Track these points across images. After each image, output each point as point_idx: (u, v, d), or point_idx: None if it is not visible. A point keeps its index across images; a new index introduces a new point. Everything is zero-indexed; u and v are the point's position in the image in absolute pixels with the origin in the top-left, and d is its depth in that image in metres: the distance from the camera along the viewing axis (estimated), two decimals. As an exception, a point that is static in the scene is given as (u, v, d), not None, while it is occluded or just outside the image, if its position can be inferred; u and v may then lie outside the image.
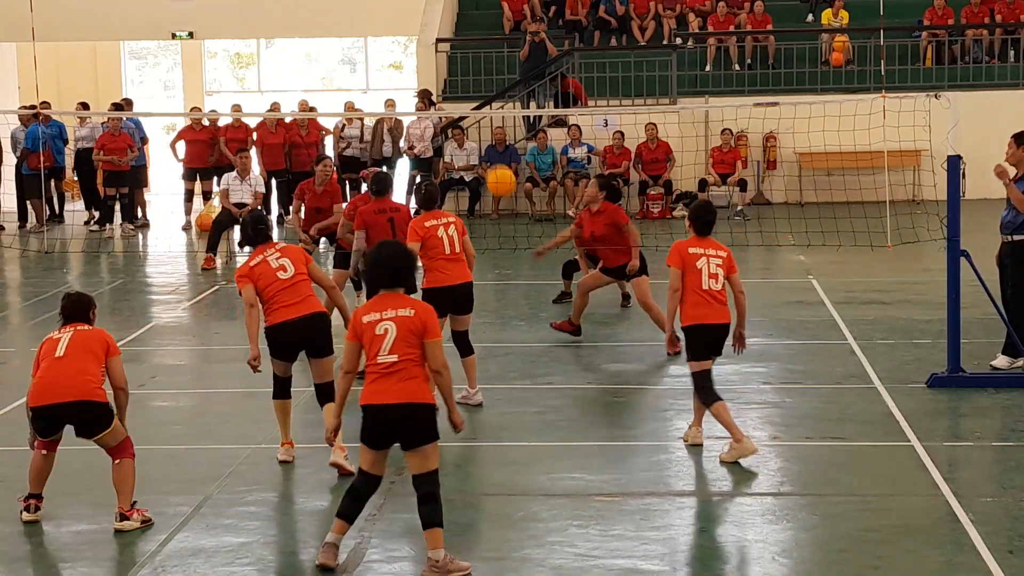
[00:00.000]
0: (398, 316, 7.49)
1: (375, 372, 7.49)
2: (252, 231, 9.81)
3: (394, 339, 7.46)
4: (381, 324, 7.49)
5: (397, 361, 7.45)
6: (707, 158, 24.17)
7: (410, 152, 24.30)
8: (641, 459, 9.75)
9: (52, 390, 8.45)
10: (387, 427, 7.49)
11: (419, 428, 7.48)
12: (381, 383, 7.46)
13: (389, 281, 7.61)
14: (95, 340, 8.61)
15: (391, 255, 7.67)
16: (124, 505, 8.43)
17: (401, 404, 7.44)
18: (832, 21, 26.30)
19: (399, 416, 7.45)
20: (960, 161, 11.49)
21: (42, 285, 17.73)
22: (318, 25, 29.57)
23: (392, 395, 7.43)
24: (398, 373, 7.45)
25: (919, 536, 8.03)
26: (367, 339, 7.52)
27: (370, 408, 7.48)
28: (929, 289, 15.48)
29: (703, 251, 9.70)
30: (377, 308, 7.55)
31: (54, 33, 27.83)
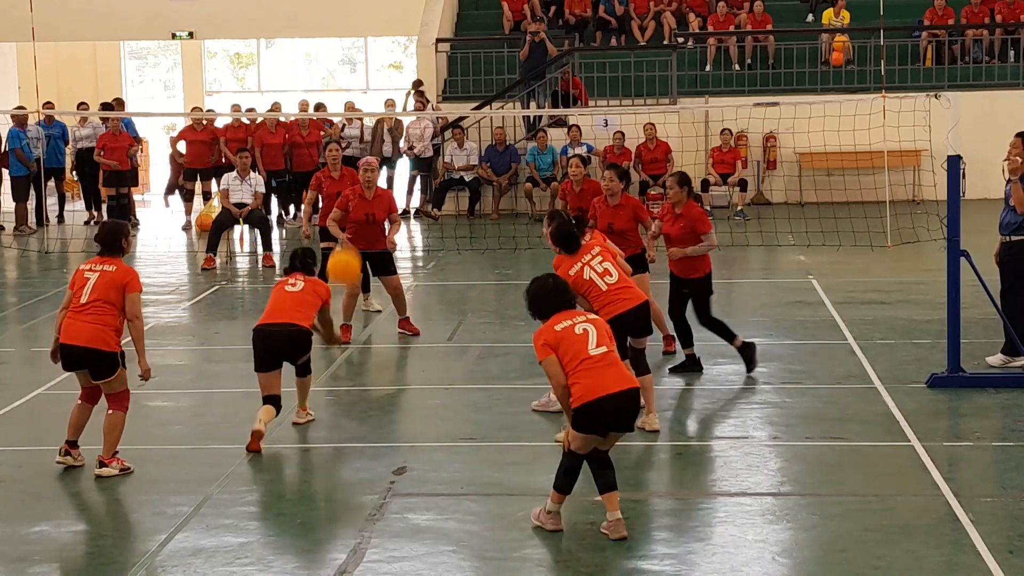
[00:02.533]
0: (589, 318, 8.13)
1: (593, 366, 7.92)
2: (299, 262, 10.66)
3: (597, 336, 8.00)
4: (578, 326, 8.03)
5: (607, 352, 8.00)
6: (707, 158, 24.18)
7: (410, 152, 24.31)
8: (641, 459, 9.75)
9: (70, 332, 9.34)
10: (620, 411, 7.98)
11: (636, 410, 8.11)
12: (606, 373, 7.93)
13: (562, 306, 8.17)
14: (113, 286, 9.32)
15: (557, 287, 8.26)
16: (105, 453, 9.26)
17: (631, 389, 8.00)
18: (833, 21, 26.30)
19: (630, 400, 8.00)
20: (960, 161, 11.49)
21: (42, 285, 17.73)
22: (318, 25, 29.58)
23: (622, 382, 7.98)
24: (614, 364, 8.01)
25: (919, 536, 8.03)
26: (568, 343, 7.98)
27: (608, 398, 7.88)
28: (929, 289, 15.48)
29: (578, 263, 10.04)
30: (566, 317, 8.10)
31: (54, 33, 27.84)
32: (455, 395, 11.67)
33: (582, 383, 7.90)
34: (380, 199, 13.83)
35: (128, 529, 8.43)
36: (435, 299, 16.80)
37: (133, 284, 9.41)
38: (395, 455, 9.89)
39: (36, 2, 22.76)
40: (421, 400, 11.77)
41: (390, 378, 12.90)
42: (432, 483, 9.33)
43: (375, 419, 11.05)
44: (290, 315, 10.24)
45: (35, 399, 11.72)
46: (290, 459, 9.89)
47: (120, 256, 9.56)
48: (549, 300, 8.18)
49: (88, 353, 9.30)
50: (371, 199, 13.71)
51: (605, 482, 8.07)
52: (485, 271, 18.46)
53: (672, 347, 12.89)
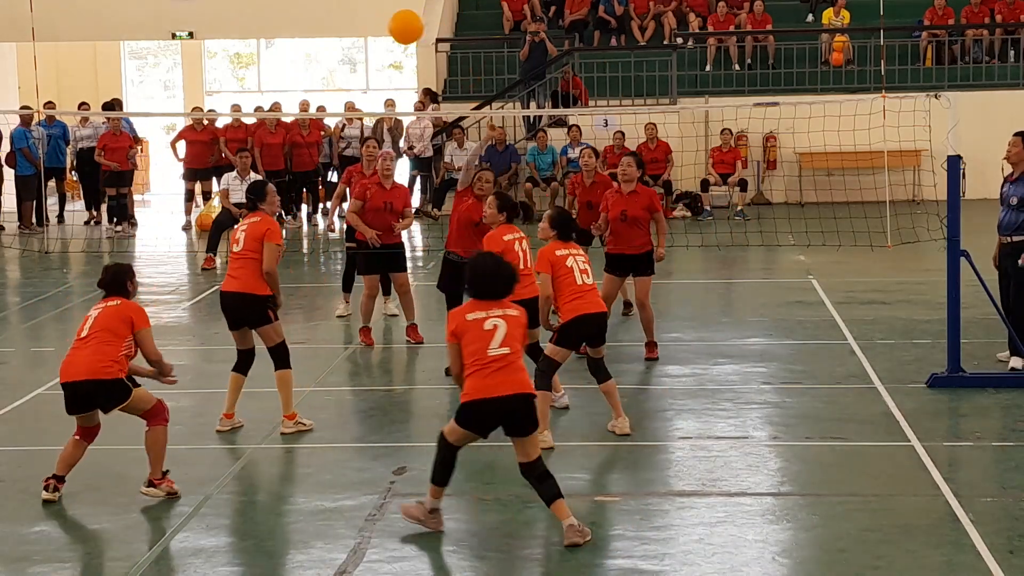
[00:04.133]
0: (506, 314, 8.05)
1: (487, 366, 7.93)
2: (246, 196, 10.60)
3: (505, 335, 7.96)
4: (490, 320, 8.00)
5: (508, 354, 7.96)
6: (707, 158, 24.18)
7: (410, 152, 24.31)
8: (641, 459, 9.75)
9: (69, 369, 8.82)
10: (498, 417, 7.99)
11: (529, 417, 8.04)
12: (497, 376, 7.91)
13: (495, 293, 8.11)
14: (118, 318, 8.84)
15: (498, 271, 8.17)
16: (153, 472, 8.83)
17: (520, 395, 7.97)
18: (833, 21, 26.30)
19: (519, 405, 7.98)
20: (960, 161, 11.49)
21: (42, 285, 17.73)
22: (318, 25, 29.57)
23: (513, 386, 7.94)
24: (510, 367, 7.96)
25: (919, 536, 8.03)
26: (472, 335, 7.96)
27: (494, 400, 7.93)
28: (929, 289, 15.48)
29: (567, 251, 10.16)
30: (484, 307, 8.06)
31: (54, 33, 27.84)
32: (455, 395, 11.64)
33: (474, 382, 7.95)
34: (398, 190, 13.83)
35: (128, 529, 8.42)
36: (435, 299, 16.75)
37: (141, 319, 8.88)
38: (395, 455, 9.89)
39: (36, 2, 22.75)
40: (421, 400, 11.77)
41: (391, 378, 12.90)
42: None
43: (375, 419, 11.05)
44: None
45: (35, 399, 11.72)
46: (290, 459, 9.88)
47: (126, 298, 9.02)
48: (485, 282, 8.15)
49: (90, 387, 8.69)
50: (389, 188, 13.67)
51: (548, 494, 8.02)
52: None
53: (655, 354, 12.79)
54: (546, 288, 10.04)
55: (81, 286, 17.86)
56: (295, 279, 17.71)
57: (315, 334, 14.24)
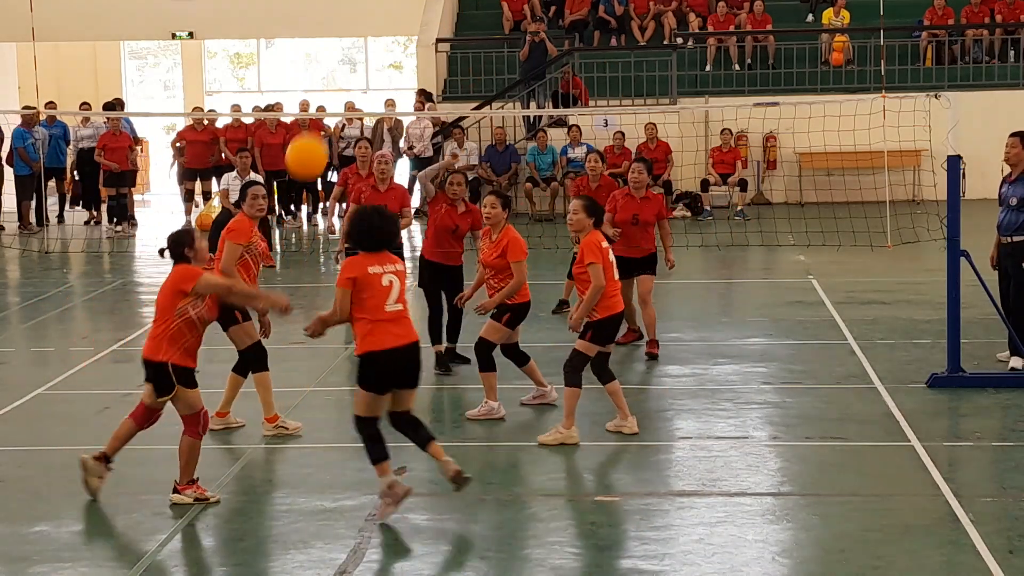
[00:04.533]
0: (398, 270, 8.32)
1: (383, 321, 8.20)
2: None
3: (399, 292, 8.26)
4: (386, 276, 8.25)
5: (401, 310, 8.27)
6: (707, 158, 24.18)
7: (410, 152, 24.31)
8: (641, 459, 9.75)
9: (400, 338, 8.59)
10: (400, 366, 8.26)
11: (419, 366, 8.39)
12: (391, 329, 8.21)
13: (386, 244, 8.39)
14: (165, 292, 8.72)
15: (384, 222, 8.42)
16: (180, 479, 8.74)
17: (412, 344, 8.28)
18: (833, 21, 26.30)
19: (410, 356, 8.27)
20: (960, 161, 11.49)
21: (42, 285, 17.73)
22: (318, 25, 29.58)
23: (405, 337, 8.25)
24: (402, 320, 8.28)
25: (919, 536, 8.03)
26: (371, 290, 8.21)
27: (389, 351, 8.19)
28: (929, 289, 15.48)
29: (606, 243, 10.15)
30: (379, 261, 8.29)
31: (54, 33, 27.84)
32: (455, 395, 11.66)
33: (369, 336, 8.20)
34: (393, 192, 13.54)
35: (128, 529, 8.42)
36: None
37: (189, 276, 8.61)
38: (395, 455, 9.87)
39: (36, 2, 22.77)
40: (422, 400, 11.75)
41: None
42: (432, 483, 9.32)
43: (375, 419, 11.03)
44: None
45: (35, 399, 11.72)
46: (290, 459, 9.88)
47: (187, 264, 8.79)
48: (374, 234, 8.36)
49: (144, 365, 8.72)
50: (384, 191, 13.48)
51: (420, 437, 8.50)
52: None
53: (655, 350, 12.83)
54: (600, 279, 9.82)
55: (81, 286, 17.87)
56: (295, 279, 17.71)
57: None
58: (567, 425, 9.85)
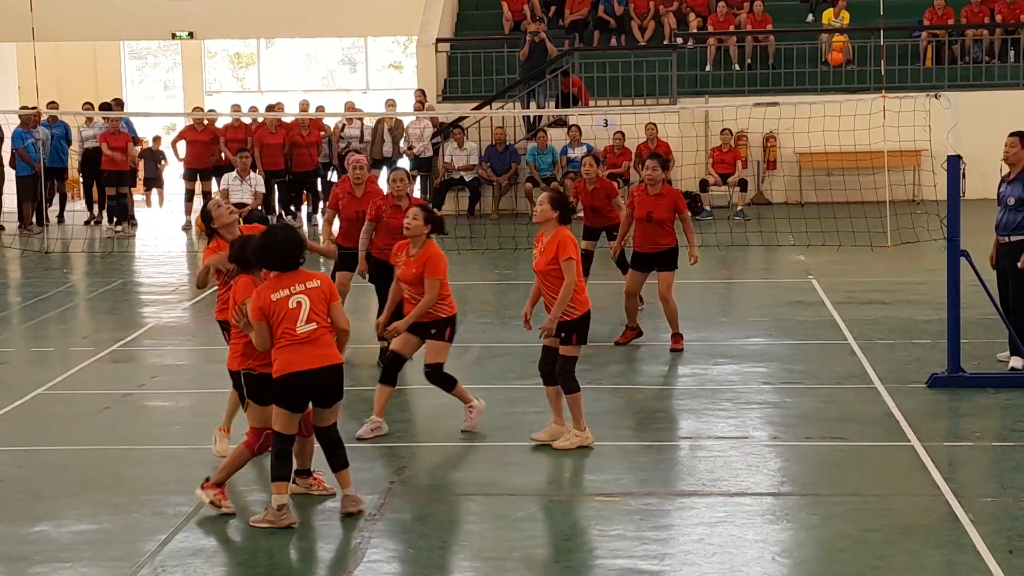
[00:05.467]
0: (308, 288, 8.23)
1: (296, 342, 8.18)
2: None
3: (309, 311, 8.19)
4: (293, 298, 8.18)
5: (315, 328, 8.20)
6: (707, 158, 24.18)
7: (410, 152, 24.31)
8: (641, 459, 9.75)
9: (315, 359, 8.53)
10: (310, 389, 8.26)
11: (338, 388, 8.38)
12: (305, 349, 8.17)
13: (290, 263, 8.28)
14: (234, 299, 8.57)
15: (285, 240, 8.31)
16: (214, 478, 8.64)
17: (331, 366, 8.25)
18: (833, 21, 26.30)
19: (330, 376, 8.26)
20: (960, 161, 11.49)
21: (42, 285, 17.73)
22: (318, 25, 29.57)
23: (323, 359, 8.21)
24: (318, 340, 8.21)
25: (919, 536, 8.03)
26: (279, 314, 8.16)
27: (307, 372, 8.18)
28: (929, 289, 15.48)
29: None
30: (284, 284, 8.23)
31: (54, 33, 27.84)
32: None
33: (284, 357, 8.18)
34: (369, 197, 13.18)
35: (128, 529, 8.42)
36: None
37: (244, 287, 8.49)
38: (395, 455, 9.89)
39: (36, 2, 22.75)
40: (421, 400, 11.76)
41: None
42: (432, 483, 9.34)
43: (375, 419, 11.03)
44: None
45: (35, 399, 11.72)
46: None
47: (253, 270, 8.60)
48: (276, 253, 8.28)
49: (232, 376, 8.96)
50: (360, 196, 13.34)
51: (337, 462, 8.47)
52: (485, 271, 18.46)
53: (680, 345, 12.91)
54: (573, 275, 9.63)
55: (81, 286, 17.87)
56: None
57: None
58: (581, 428, 9.80)
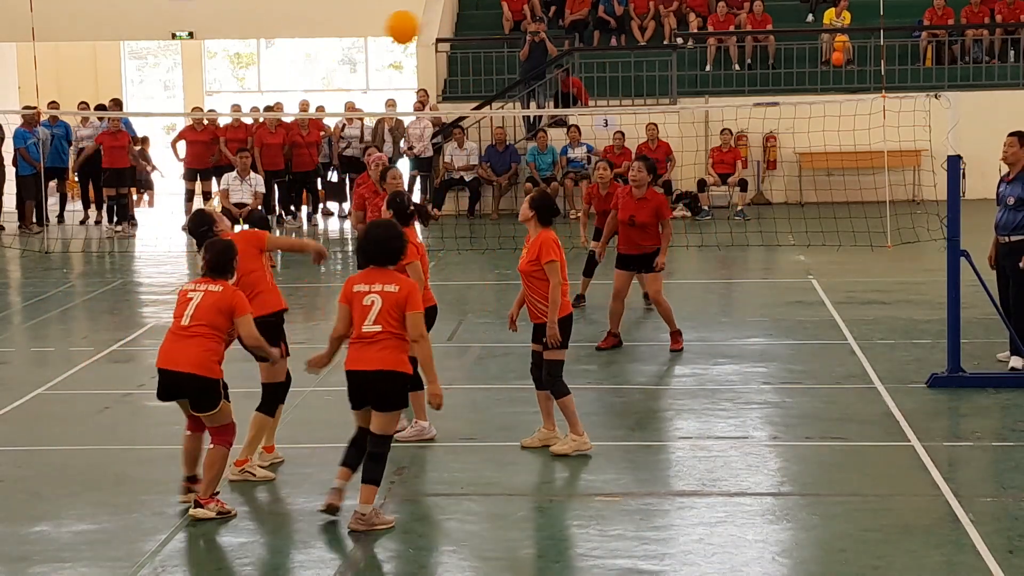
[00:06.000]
0: (384, 290, 8.22)
1: (358, 340, 8.24)
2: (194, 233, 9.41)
3: (378, 312, 8.18)
4: (368, 296, 8.21)
5: (379, 331, 8.19)
6: (707, 158, 24.18)
7: (410, 152, 24.31)
8: (641, 459, 9.75)
9: (171, 356, 8.61)
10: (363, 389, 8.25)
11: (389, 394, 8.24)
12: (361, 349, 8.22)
13: (380, 259, 8.32)
14: (219, 309, 8.57)
15: (383, 235, 8.37)
16: (203, 492, 8.54)
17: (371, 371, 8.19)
18: (834, 21, 26.29)
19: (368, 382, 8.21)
20: (960, 161, 11.49)
21: (43, 285, 17.73)
22: (318, 25, 29.56)
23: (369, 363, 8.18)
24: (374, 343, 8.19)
25: (919, 536, 8.04)
26: (354, 307, 8.25)
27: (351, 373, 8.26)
28: (929, 289, 15.48)
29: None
30: (367, 280, 8.29)
31: (54, 33, 27.82)
32: (455, 395, 11.64)
33: (349, 352, 8.31)
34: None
35: (128, 529, 8.42)
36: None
37: (242, 306, 8.62)
38: (395, 455, 9.87)
39: (36, 2, 22.74)
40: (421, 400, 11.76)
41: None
42: (432, 483, 9.34)
43: (375, 419, 11.02)
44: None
45: (35, 399, 11.72)
46: (290, 459, 9.87)
47: (229, 277, 8.75)
48: (367, 251, 8.38)
49: (191, 380, 8.52)
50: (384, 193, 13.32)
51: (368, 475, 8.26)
52: (485, 271, 18.47)
53: (679, 344, 12.90)
54: (557, 276, 9.54)
55: (81, 286, 17.87)
56: (295, 279, 17.70)
57: (315, 334, 14.22)
58: (578, 432, 9.75)
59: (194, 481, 8.77)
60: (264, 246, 9.46)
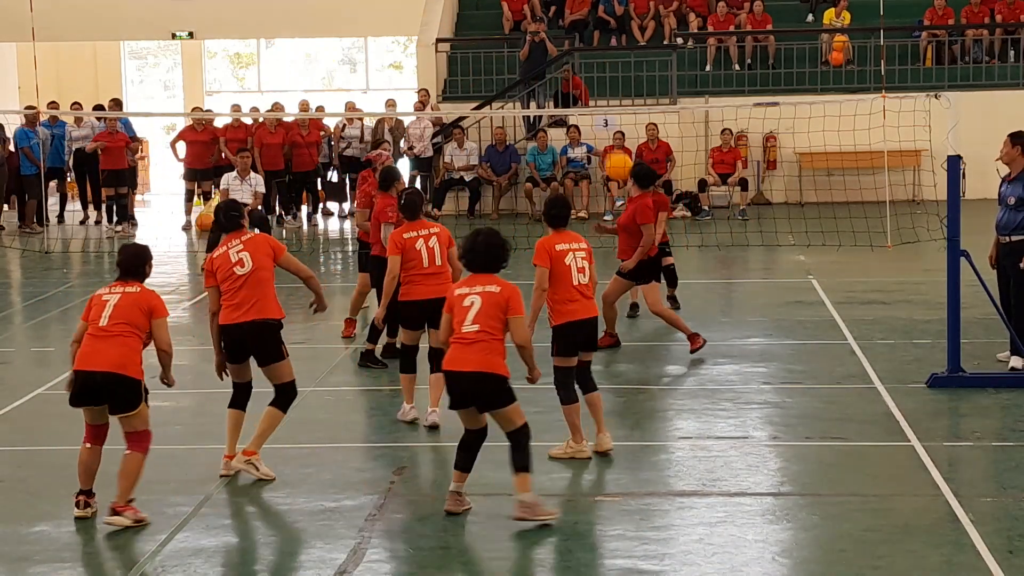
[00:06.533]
0: (485, 291, 8.30)
1: (457, 341, 8.28)
2: (224, 218, 9.50)
3: (477, 312, 8.23)
4: (468, 297, 8.29)
5: (477, 331, 8.22)
6: (707, 158, 24.18)
7: (410, 152, 24.31)
8: (641, 459, 9.75)
9: (90, 357, 8.49)
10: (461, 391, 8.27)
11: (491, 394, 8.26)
12: (462, 350, 8.24)
13: (489, 266, 8.44)
14: (139, 308, 8.55)
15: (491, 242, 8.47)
16: (119, 500, 8.42)
17: (472, 373, 8.19)
18: (834, 21, 26.29)
19: (470, 383, 8.22)
20: (960, 161, 11.49)
21: (43, 285, 17.73)
22: (318, 25, 29.58)
23: (469, 364, 8.19)
24: (475, 344, 8.21)
25: (919, 536, 8.04)
26: (455, 310, 8.33)
27: (452, 374, 8.28)
28: (929, 289, 15.48)
29: (567, 246, 9.56)
30: (469, 284, 8.41)
31: (54, 33, 27.83)
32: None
33: (449, 352, 8.35)
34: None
35: (128, 529, 8.41)
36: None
37: (159, 309, 8.61)
38: (395, 455, 9.89)
39: (36, 2, 22.75)
40: (421, 400, 11.76)
41: (390, 378, 12.88)
42: (432, 483, 9.34)
43: (375, 419, 11.05)
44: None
45: (35, 399, 11.72)
46: (290, 459, 9.87)
47: (142, 281, 8.76)
48: (474, 259, 8.47)
49: (111, 379, 8.39)
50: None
51: (519, 463, 8.31)
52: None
53: (698, 343, 12.79)
54: (543, 282, 9.46)
55: (82, 286, 17.86)
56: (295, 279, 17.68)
57: (315, 334, 14.24)
58: (576, 440, 9.73)
59: (91, 495, 8.60)
60: (280, 257, 9.38)
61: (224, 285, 9.23)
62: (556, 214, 9.72)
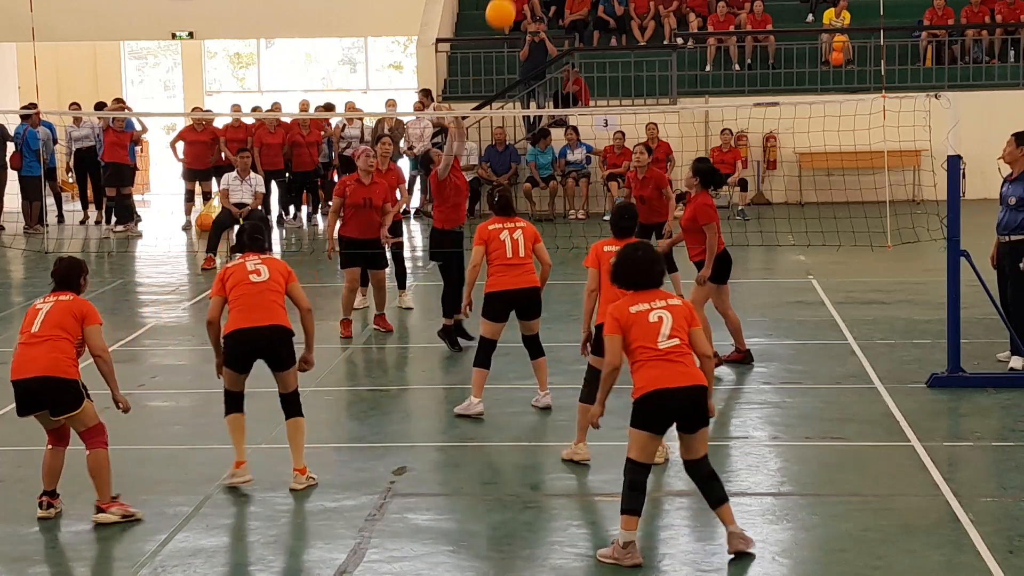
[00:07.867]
0: (670, 304, 7.78)
1: (659, 359, 7.61)
2: (248, 239, 9.54)
3: (672, 325, 7.67)
4: (654, 312, 7.70)
5: (679, 345, 7.66)
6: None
7: (410, 152, 24.31)
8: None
9: (25, 365, 8.51)
10: (675, 409, 7.63)
11: (702, 410, 7.67)
12: (671, 366, 7.60)
13: (649, 282, 7.85)
14: (70, 314, 8.60)
15: (648, 257, 7.93)
16: (101, 498, 8.47)
17: (696, 387, 7.63)
18: (834, 21, 26.29)
19: (693, 398, 7.62)
20: (960, 161, 11.50)
21: (43, 285, 17.71)
22: (318, 25, 29.56)
23: (687, 378, 7.61)
24: (683, 358, 7.66)
25: (919, 536, 8.04)
26: (639, 328, 7.66)
27: (669, 391, 7.57)
28: (929, 289, 15.48)
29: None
30: (643, 300, 7.79)
31: (54, 33, 27.83)
32: (455, 395, 11.66)
33: (645, 374, 7.64)
34: (378, 186, 14.00)
35: (128, 529, 8.43)
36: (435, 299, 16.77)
37: (92, 316, 8.62)
38: (395, 455, 9.89)
39: (36, 2, 22.75)
40: (421, 400, 11.77)
41: (390, 378, 12.90)
42: (432, 483, 9.34)
43: (375, 419, 11.05)
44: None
45: (35, 399, 11.70)
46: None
47: (77, 293, 8.80)
48: (631, 272, 7.92)
49: (46, 384, 8.39)
50: (368, 184, 13.85)
51: (713, 497, 7.80)
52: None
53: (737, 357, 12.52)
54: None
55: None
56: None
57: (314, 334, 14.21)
58: (576, 441, 9.65)
59: (54, 496, 8.65)
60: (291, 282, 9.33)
61: (235, 292, 9.19)
62: (626, 226, 9.69)
